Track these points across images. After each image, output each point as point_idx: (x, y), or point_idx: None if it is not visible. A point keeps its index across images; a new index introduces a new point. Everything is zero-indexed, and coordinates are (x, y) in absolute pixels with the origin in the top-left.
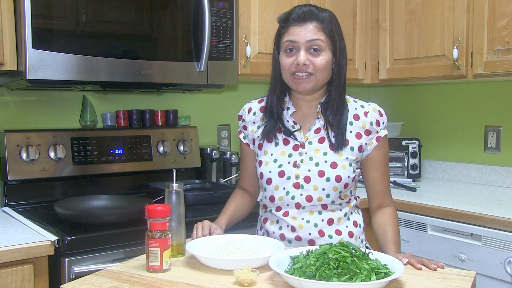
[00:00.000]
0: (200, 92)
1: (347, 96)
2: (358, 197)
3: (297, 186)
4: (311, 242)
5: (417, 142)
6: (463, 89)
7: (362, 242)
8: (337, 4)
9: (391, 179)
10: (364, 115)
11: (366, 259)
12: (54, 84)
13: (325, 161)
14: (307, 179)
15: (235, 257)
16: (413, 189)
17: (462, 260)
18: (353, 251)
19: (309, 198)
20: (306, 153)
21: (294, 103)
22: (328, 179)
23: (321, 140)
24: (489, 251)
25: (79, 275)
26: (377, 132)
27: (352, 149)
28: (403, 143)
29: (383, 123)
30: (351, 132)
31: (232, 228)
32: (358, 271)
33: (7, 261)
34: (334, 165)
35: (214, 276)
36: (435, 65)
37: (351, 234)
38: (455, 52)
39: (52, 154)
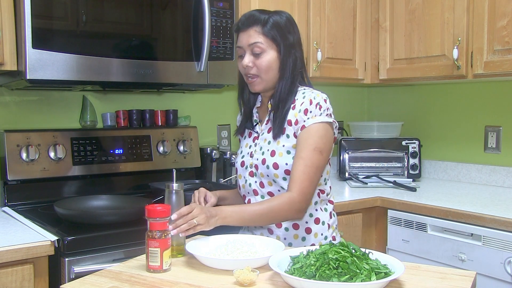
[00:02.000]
0: (200, 92)
1: (305, 88)
2: (328, 197)
3: (251, 174)
4: (270, 231)
5: (417, 142)
6: (463, 89)
7: (325, 239)
8: (337, 4)
9: (391, 179)
10: (299, 104)
11: (366, 259)
12: (54, 84)
13: (268, 150)
14: (256, 167)
15: (235, 257)
16: (413, 189)
17: (462, 260)
18: (353, 251)
19: (261, 185)
20: (258, 143)
21: (262, 99)
22: (267, 167)
23: (269, 131)
24: (489, 251)
25: (79, 275)
26: (304, 121)
27: (287, 136)
28: (403, 143)
29: (310, 111)
30: (287, 120)
31: (232, 228)
32: (358, 271)
33: (7, 261)
34: (273, 153)
35: (214, 276)
36: (435, 65)
37: (308, 230)
38: (455, 52)
39: (52, 154)
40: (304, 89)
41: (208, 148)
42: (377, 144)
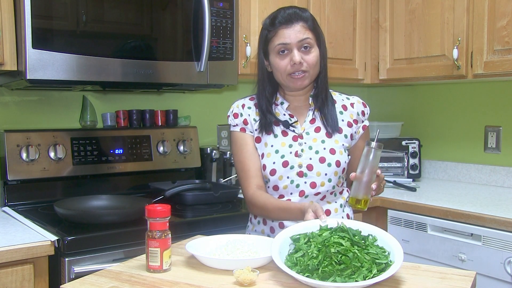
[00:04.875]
0: (200, 92)
1: (330, 90)
2: (349, 190)
3: (300, 174)
4: None
5: (417, 142)
6: (463, 89)
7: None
8: (337, 4)
9: (391, 179)
10: (351, 106)
11: (367, 247)
12: (54, 84)
13: (324, 148)
14: (309, 167)
15: (235, 257)
16: (413, 189)
17: (462, 260)
18: (354, 236)
19: (313, 185)
20: (305, 143)
21: (285, 98)
22: (329, 165)
23: (317, 130)
24: (489, 251)
25: (79, 275)
26: (363, 121)
27: (345, 136)
28: (403, 143)
29: (367, 113)
30: (342, 120)
31: (230, 228)
32: (359, 265)
33: (7, 261)
34: (332, 151)
35: (214, 276)
36: (435, 65)
37: None
38: (455, 52)
39: (52, 154)
40: (338, 92)
41: (208, 148)
42: None
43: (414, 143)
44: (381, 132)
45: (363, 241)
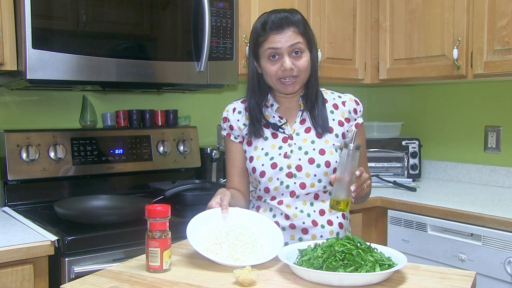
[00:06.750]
0: (200, 92)
1: (322, 89)
2: None
3: (290, 175)
4: (304, 231)
5: (417, 142)
6: (463, 89)
7: (349, 233)
8: (337, 4)
9: (391, 179)
10: (342, 104)
11: (371, 252)
12: (54, 84)
13: (314, 149)
14: (298, 168)
15: (235, 255)
16: (413, 189)
17: (462, 260)
18: (359, 244)
19: (302, 186)
20: (295, 143)
21: (276, 100)
22: (318, 165)
23: (307, 130)
24: (489, 251)
25: (79, 275)
26: (355, 119)
27: (336, 135)
28: (403, 143)
29: (360, 111)
30: (333, 120)
31: None
32: (363, 262)
33: (7, 261)
34: (322, 152)
35: (214, 276)
36: (435, 65)
37: (341, 225)
38: (455, 52)
39: (52, 154)
40: (331, 91)
41: (208, 148)
42: (377, 144)
43: (414, 143)
44: (381, 132)
45: (368, 249)
